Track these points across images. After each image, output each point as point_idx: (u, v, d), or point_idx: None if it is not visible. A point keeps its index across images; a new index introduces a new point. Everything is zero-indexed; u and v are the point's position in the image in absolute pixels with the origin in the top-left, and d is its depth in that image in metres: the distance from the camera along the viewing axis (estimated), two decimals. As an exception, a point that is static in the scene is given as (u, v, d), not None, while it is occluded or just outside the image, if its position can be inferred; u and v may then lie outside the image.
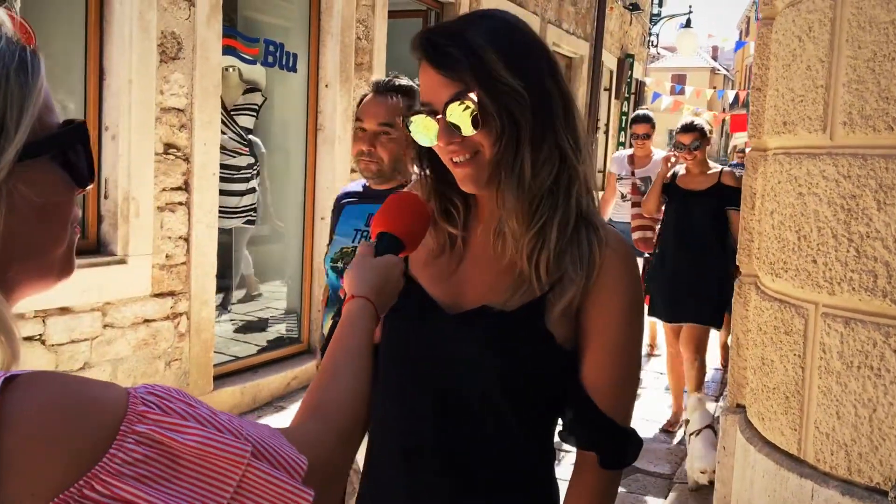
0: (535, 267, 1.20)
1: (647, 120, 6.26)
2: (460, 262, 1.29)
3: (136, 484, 0.65)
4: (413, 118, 1.20)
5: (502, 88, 1.14)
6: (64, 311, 3.75)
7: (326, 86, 5.63)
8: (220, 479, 0.69)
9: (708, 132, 4.85)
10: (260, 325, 6.05)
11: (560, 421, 1.29)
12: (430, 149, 1.26)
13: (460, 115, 1.14)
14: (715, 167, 4.92)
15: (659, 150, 6.34)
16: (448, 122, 1.16)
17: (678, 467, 4.46)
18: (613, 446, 1.24)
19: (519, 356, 1.21)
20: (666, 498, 4.07)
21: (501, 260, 1.24)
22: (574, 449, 1.28)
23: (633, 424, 1.28)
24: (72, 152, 0.77)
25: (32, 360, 3.62)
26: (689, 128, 4.84)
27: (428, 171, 1.30)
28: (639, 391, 2.86)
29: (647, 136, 6.19)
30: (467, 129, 1.15)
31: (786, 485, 2.25)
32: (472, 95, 1.14)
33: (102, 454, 0.64)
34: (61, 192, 0.77)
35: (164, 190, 4.26)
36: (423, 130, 1.20)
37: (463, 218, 1.30)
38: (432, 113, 1.18)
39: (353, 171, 5.92)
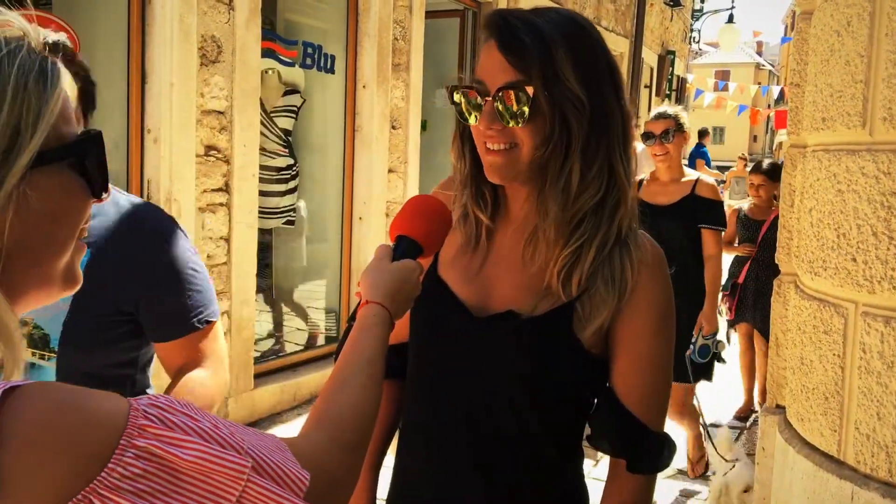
0: (565, 282, 1.18)
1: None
2: (486, 261, 1.28)
3: (134, 499, 0.65)
4: (461, 91, 1.17)
5: (564, 92, 1.11)
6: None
7: (364, 87, 5.67)
8: (219, 495, 0.69)
9: (685, 126, 3.92)
10: (299, 324, 6.11)
11: (589, 425, 1.28)
12: (472, 132, 1.23)
13: (509, 103, 1.11)
14: (690, 174, 3.97)
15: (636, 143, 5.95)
16: (495, 106, 1.13)
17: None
18: (647, 450, 1.22)
19: (545, 361, 1.19)
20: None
21: (529, 264, 1.23)
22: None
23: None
24: (87, 161, 0.78)
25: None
26: (661, 115, 3.94)
27: (467, 155, 1.26)
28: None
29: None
30: (511, 120, 1.12)
31: (825, 486, 2.22)
32: (529, 89, 1.10)
33: (101, 468, 0.64)
34: (73, 201, 0.77)
35: (205, 191, 4.33)
36: (468, 107, 1.17)
37: (492, 210, 1.27)
38: (482, 93, 1.14)
39: (390, 171, 5.96)
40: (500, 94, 1.12)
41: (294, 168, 5.77)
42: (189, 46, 4.11)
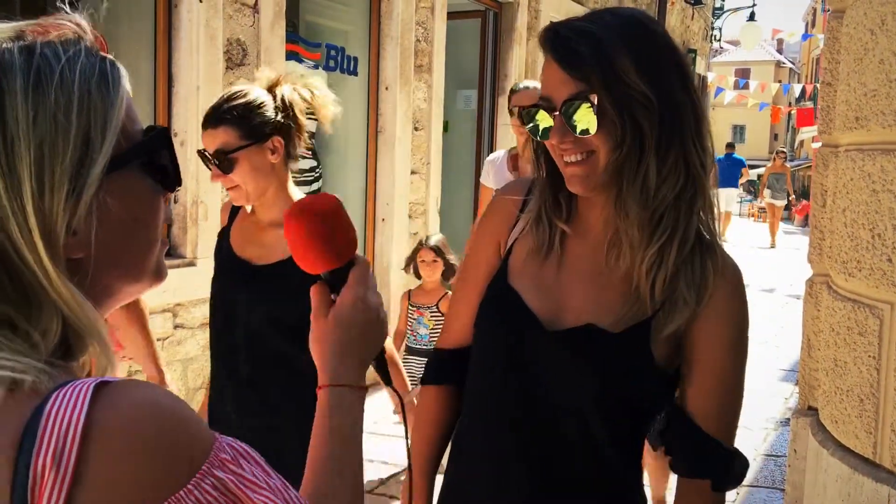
0: (651, 284, 1.16)
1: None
2: (560, 271, 1.25)
3: None
4: (530, 111, 1.17)
5: (628, 93, 1.10)
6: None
7: (386, 88, 5.68)
8: None
9: None
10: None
11: (664, 448, 1.27)
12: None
13: (577, 114, 1.11)
14: None
15: None
16: (564, 120, 1.12)
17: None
18: (723, 468, 1.22)
19: (619, 378, 1.18)
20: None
21: (606, 274, 1.21)
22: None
23: None
24: (157, 158, 0.78)
25: (107, 359, 3.74)
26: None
27: (544, 163, 1.26)
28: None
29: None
30: (582, 130, 1.12)
31: (861, 490, 2.19)
32: (593, 97, 1.10)
33: (181, 485, 0.63)
34: (148, 199, 0.77)
35: (230, 193, 4.35)
36: (539, 125, 1.17)
37: (567, 215, 1.26)
38: (550, 109, 1.14)
39: (413, 172, 5.97)
40: (565, 107, 1.12)
41: (317, 170, 5.79)
42: (215, 50, 4.14)
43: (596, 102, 1.10)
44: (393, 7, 5.59)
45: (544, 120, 1.15)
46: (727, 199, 14.84)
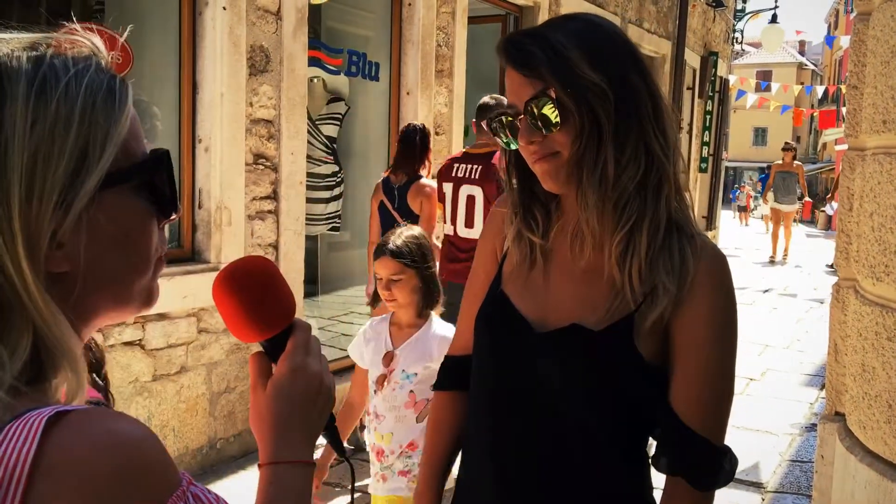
0: (628, 274, 1.17)
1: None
2: (548, 276, 1.28)
3: None
4: (498, 120, 1.21)
5: (583, 84, 1.12)
6: (162, 316, 3.91)
7: (408, 93, 5.70)
8: None
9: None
10: (344, 330, 6.15)
11: (652, 441, 1.27)
12: (518, 158, 1.26)
13: (540, 113, 1.14)
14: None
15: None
16: (529, 121, 1.16)
17: (772, 475, 4.34)
18: (706, 466, 1.20)
19: (608, 376, 1.19)
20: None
21: (592, 272, 1.22)
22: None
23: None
24: (156, 181, 0.76)
25: (132, 364, 3.78)
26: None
27: (515, 182, 1.30)
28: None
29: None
30: (547, 128, 1.14)
31: (890, 496, 2.17)
32: (551, 93, 1.13)
33: None
34: (141, 221, 0.75)
35: (254, 199, 4.39)
36: (506, 132, 1.20)
37: (543, 229, 1.28)
38: (515, 114, 1.18)
39: (433, 177, 5.98)
40: (528, 107, 1.15)
41: (339, 175, 5.82)
42: (238, 57, 4.18)
43: (555, 96, 1.13)
44: (414, 12, 5.61)
45: (512, 127, 1.19)
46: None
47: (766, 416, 5.14)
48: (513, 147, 1.22)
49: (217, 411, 4.25)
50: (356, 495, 3.51)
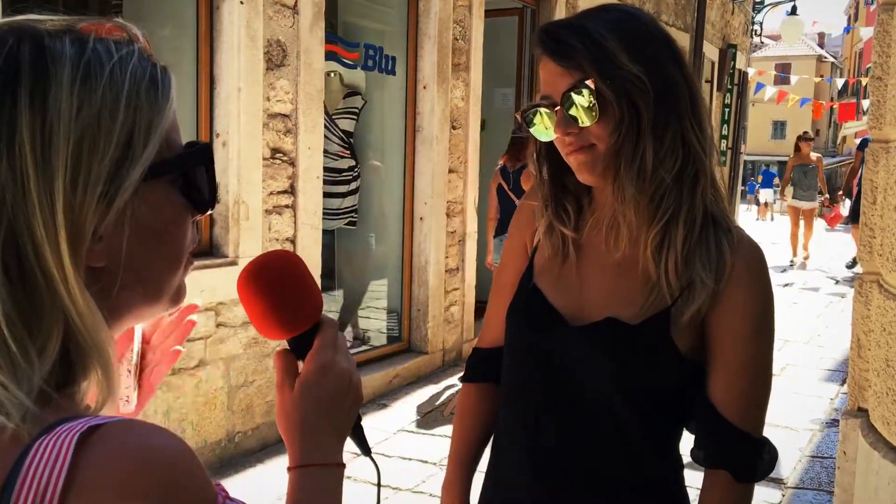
0: (664, 268, 1.16)
1: None
2: (581, 269, 1.26)
3: None
4: (532, 111, 1.19)
5: (622, 75, 1.11)
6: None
7: (424, 87, 5.69)
8: None
9: None
10: (362, 325, 6.16)
11: (690, 434, 1.26)
12: (549, 149, 1.24)
13: (578, 104, 1.12)
14: None
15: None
16: (566, 112, 1.14)
17: (793, 471, 4.30)
18: (747, 458, 1.20)
19: (644, 370, 1.18)
20: None
21: (625, 266, 1.21)
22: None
23: None
24: (195, 175, 0.73)
25: (152, 357, 3.79)
26: None
27: (545, 172, 1.28)
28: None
29: None
30: (585, 119, 1.13)
31: (915, 493, 2.14)
32: (590, 83, 1.11)
33: None
34: (179, 216, 0.73)
35: (271, 193, 4.39)
36: (542, 123, 1.18)
37: (575, 222, 1.27)
38: (551, 105, 1.16)
39: (451, 171, 5.97)
40: (565, 98, 1.13)
41: (356, 169, 5.82)
42: (255, 51, 4.18)
43: (594, 87, 1.11)
44: (430, 6, 5.59)
45: (547, 119, 1.17)
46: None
47: (785, 412, 5.09)
48: (547, 138, 1.20)
49: (235, 405, 4.26)
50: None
